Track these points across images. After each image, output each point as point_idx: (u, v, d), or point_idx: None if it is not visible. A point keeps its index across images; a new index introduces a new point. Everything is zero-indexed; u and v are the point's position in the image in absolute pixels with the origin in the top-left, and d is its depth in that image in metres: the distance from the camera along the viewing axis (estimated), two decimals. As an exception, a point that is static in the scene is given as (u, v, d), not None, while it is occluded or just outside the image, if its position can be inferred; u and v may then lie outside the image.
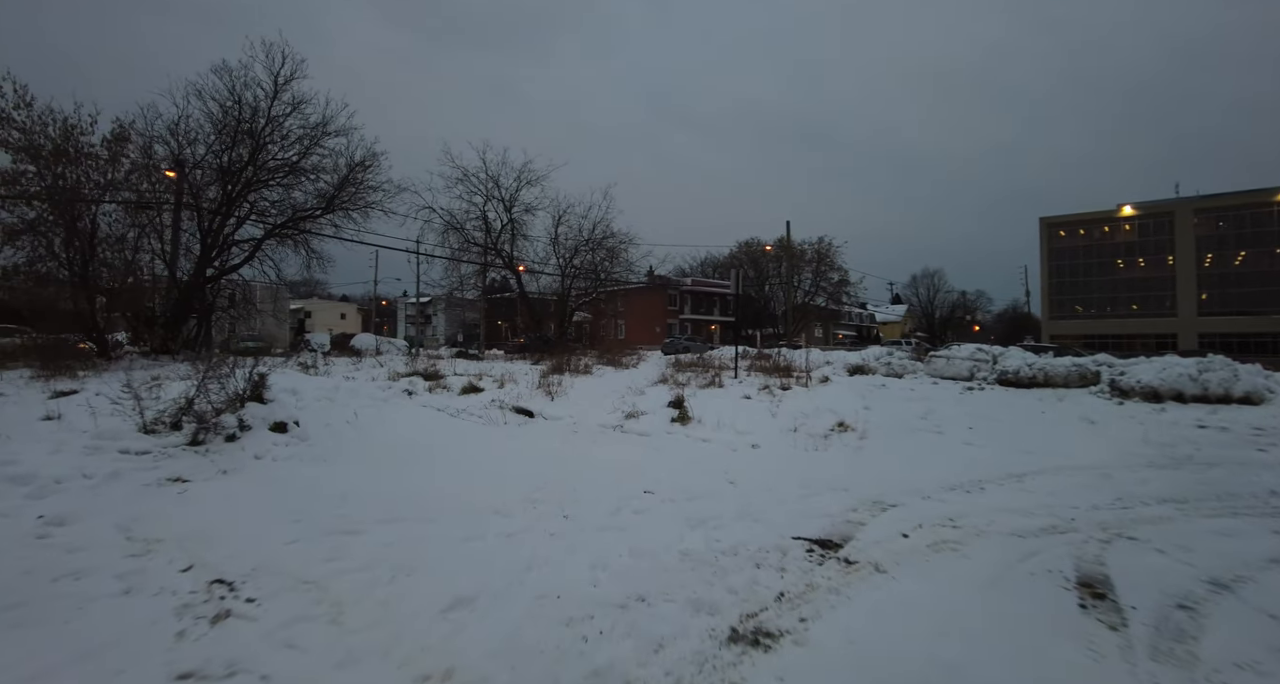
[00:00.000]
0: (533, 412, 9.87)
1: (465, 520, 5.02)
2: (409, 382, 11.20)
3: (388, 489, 5.93)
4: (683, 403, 10.05)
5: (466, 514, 5.21)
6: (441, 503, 5.55)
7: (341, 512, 5.12)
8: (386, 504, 5.39)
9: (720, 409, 10.14)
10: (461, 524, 4.91)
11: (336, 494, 5.64)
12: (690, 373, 16.84)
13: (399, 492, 5.86)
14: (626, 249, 31.49)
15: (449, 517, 5.12)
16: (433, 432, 8.49)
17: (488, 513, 5.26)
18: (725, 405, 10.62)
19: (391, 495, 5.70)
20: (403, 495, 5.73)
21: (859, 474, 7.19)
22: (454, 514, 5.21)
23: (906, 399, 12.97)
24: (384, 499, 5.56)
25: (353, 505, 5.32)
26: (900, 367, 20.11)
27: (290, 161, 21.24)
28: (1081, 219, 68.29)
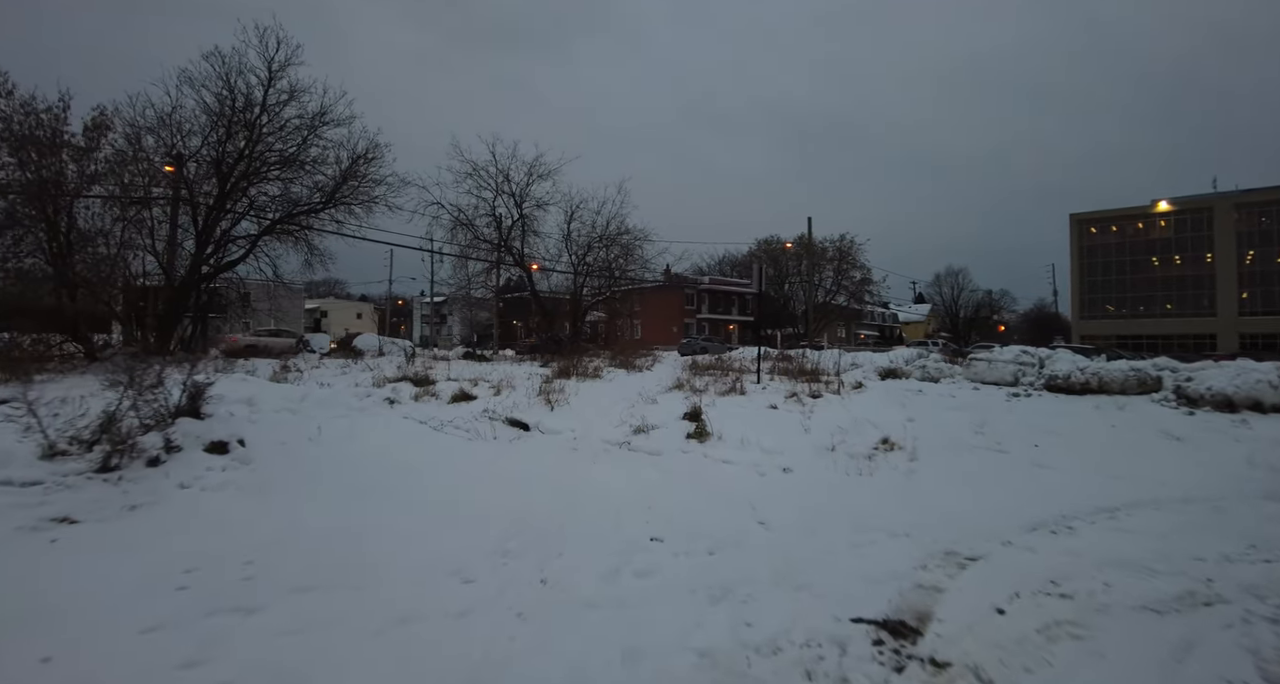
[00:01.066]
0: (528, 424, 8.62)
1: (408, 587, 3.77)
2: (393, 388, 10.00)
3: (326, 533, 4.69)
4: (700, 415, 8.73)
5: (414, 575, 3.96)
6: (388, 554, 4.30)
7: (250, 571, 3.90)
8: (314, 558, 4.16)
9: (743, 422, 8.82)
10: (401, 593, 3.66)
11: (257, 541, 4.42)
12: (708, 377, 15.51)
13: (340, 536, 4.62)
14: (641, 246, 30.22)
15: (390, 580, 3.87)
16: (408, 449, 7.26)
17: (443, 573, 4.00)
18: (749, 417, 9.30)
19: (327, 543, 4.46)
20: (342, 543, 4.49)
21: (917, 509, 5.84)
22: (398, 574, 3.96)
23: (951, 408, 11.54)
24: (314, 549, 4.33)
25: (271, 559, 4.10)
26: (936, 370, 18.64)
27: (288, 154, 20.22)
28: (1114, 215, 65.85)
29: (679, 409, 9.27)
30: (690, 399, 10.64)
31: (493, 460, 7.05)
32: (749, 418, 9.17)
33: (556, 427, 8.56)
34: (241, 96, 18.85)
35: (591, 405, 10.09)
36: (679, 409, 9.27)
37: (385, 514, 5.20)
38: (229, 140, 19.38)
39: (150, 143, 18.63)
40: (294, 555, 4.20)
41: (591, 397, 11.01)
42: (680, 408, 9.34)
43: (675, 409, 9.36)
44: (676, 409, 9.34)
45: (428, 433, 8.11)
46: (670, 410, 9.35)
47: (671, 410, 9.33)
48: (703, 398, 10.80)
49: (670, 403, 10.21)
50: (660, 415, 9.02)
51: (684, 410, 9.01)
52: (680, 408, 9.34)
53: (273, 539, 4.50)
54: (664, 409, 9.54)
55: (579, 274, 29.41)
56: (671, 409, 9.46)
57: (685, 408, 9.20)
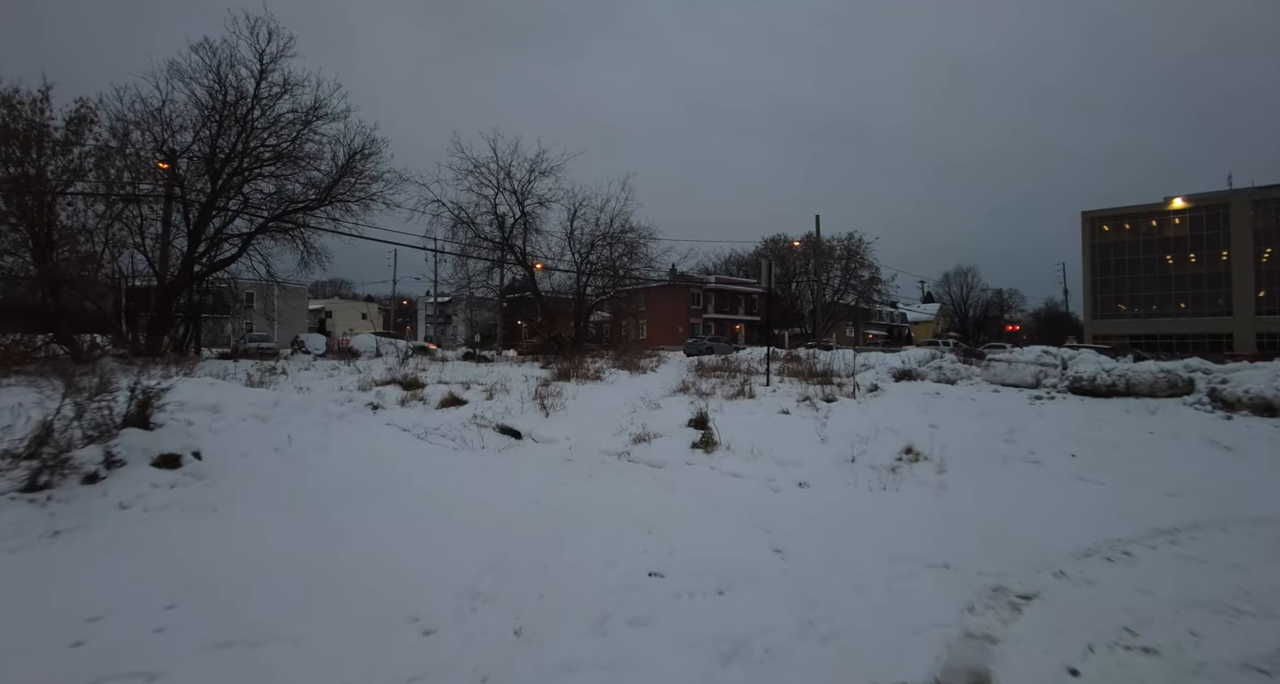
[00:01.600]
0: (520, 432, 7.97)
1: (356, 639, 3.11)
2: (378, 393, 9.37)
3: (274, 564, 4.04)
4: (706, 422, 8.04)
5: (366, 621, 3.30)
6: (340, 594, 3.65)
7: (167, 619, 3.25)
8: (250, 598, 3.51)
9: (754, 429, 8.13)
10: (345, 650, 3.00)
11: (191, 574, 3.77)
12: (715, 379, 14.83)
13: (289, 569, 3.97)
14: (646, 244, 29.53)
15: (335, 628, 3.21)
16: (385, 462, 6.61)
17: (400, 620, 3.34)
18: (759, 423, 8.61)
19: (271, 578, 3.81)
20: (289, 578, 3.83)
21: (953, 532, 5.15)
22: (346, 621, 3.30)
23: (975, 413, 10.83)
24: (255, 586, 3.68)
25: (198, 600, 3.45)
26: (953, 372, 17.92)
27: (282, 149, 19.65)
28: (1126, 213, 64.72)
29: (684, 415, 8.59)
30: (696, 404, 9.98)
31: (477, 474, 6.39)
32: (760, 425, 8.49)
33: (551, 435, 7.90)
34: (233, 90, 18.33)
35: (590, 411, 9.43)
36: (684, 415, 8.59)
37: (346, 541, 4.55)
38: (220, 135, 18.84)
39: (139, 138, 18.12)
40: (227, 595, 3.55)
41: (591, 401, 10.36)
42: (685, 413, 8.67)
43: (680, 415, 8.69)
44: (681, 415, 8.67)
45: (410, 442, 7.46)
46: (674, 416, 8.68)
47: (676, 416, 8.65)
48: (709, 402, 10.14)
49: (675, 408, 9.53)
50: (664, 422, 8.34)
51: (689, 416, 8.32)
52: (685, 413, 8.67)
53: (209, 572, 3.86)
54: (668, 415, 8.87)
55: (582, 273, 28.76)
56: (676, 415, 8.79)
57: (690, 414, 8.52)
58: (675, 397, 10.90)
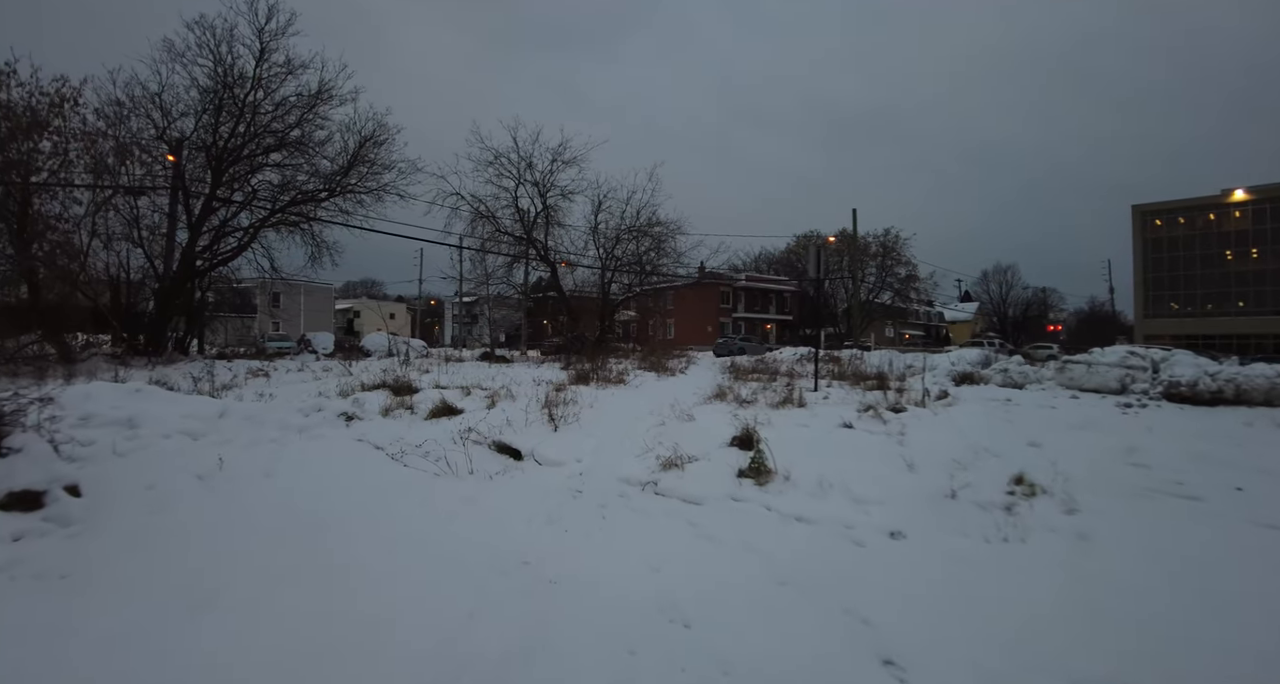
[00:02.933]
0: (521, 451, 6.38)
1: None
2: (355, 401, 7.86)
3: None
4: (754, 440, 6.36)
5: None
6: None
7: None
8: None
9: (814, 449, 6.43)
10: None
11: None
12: (754, 383, 13.13)
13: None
14: (674, 238, 27.83)
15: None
16: (340, 493, 5.08)
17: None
18: (819, 441, 6.91)
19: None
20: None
21: (1131, 623, 3.42)
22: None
23: (1072, 426, 8.97)
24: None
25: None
26: (1020, 375, 15.99)
27: (287, 135, 18.41)
28: (1181, 206, 61.14)
29: (724, 430, 6.93)
30: (737, 414, 8.32)
31: (454, 514, 4.80)
32: (820, 442, 6.79)
33: (558, 455, 6.30)
34: (232, 71, 17.09)
35: (610, 422, 7.83)
36: (724, 430, 6.93)
37: (226, 635, 3.00)
38: (221, 121, 17.65)
39: (136, 124, 17.02)
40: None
41: (611, 410, 8.76)
42: (726, 428, 7.00)
43: (719, 430, 7.03)
44: (721, 429, 7.01)
45: (380, 465, 5.93)
46: (713, 431, 7.02)
47: (715, 431, 6.99)
48: (753, 411, 8.48)
49: (711, 419, 7.88)
50: (699, 439, 6.69)
51: (732, 432, 6.65)
52: (726, 428, 7.00)
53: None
54: (704, 429, 7.22)
55: (607, 269, 27.20)
56: (714, 429, 7.13)
57: (733, 428, 6.85)
58: (711, 405, 9.26)
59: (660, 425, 7.61)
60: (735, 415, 8.44)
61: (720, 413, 8.56)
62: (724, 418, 7.99)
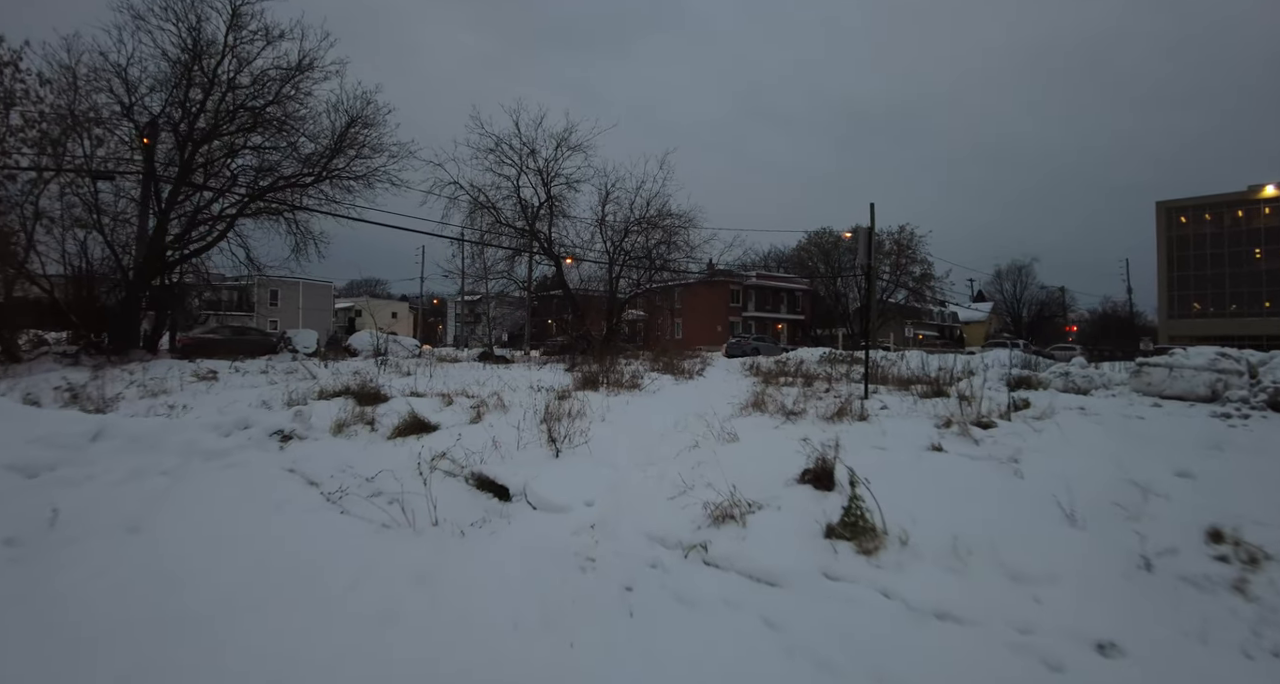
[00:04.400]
0: (509, 488, 4.61)
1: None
2: (297, 413, 6.10)
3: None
4: (835, 475, 4.56)
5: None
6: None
7: None
8: None
9: (909, 483, 4.62)
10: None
11: None
12: (790, 388, 11.35)
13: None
14: (686, 231, 25.97)
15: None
16: (231, 565, 3.32)
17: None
18: (910, 471, 5.10)
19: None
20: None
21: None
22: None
23: (1198, 445, 7.14)
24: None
25: None
26: (1084, 379, 14.16)
27: (263, 112, 16.68)
28: (1208, 202, 58.96)
29: (784, 456, 5.13)
30: (781, 427, 6.55)
31: (389, 617, 3.03)
32: (913, 474, 4.99)
33: (561, 494, 4.52)
34: (199, 36, 15.32)
35: (627, 442, 6.05)
36: (784, 456, 5.13)
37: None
38: (189, 93, 15.93)
39: (97, 99, 15.33)
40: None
41: (627, 424, 6.99)
42: (786, 453, 5.21)
43: (777, 455, 5.24)
44: (779, 455, 5.22)
45: (309, 511, 4.17)
46: (768, 457, 5.23)
47: (771, 457, 5.20)
48: (804, 427, 6.70)
49: (759, 438, 6.11)
50: (753, 470, 4.89)
51: (799, 461, 4.84)
52: (786, 453, 5.21)
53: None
54: (755, 454, 5.43)
55: (614, 262, 25.39)
56: (769, 454, 5.34)
57: (797, 453, 5.05)
58: (750, 418, 7.47)
59: (693, 447, 5.83)
60: (781, 429, 6.68)
61: (765, 428, 6.79)
62: (775, 436, 6.21)
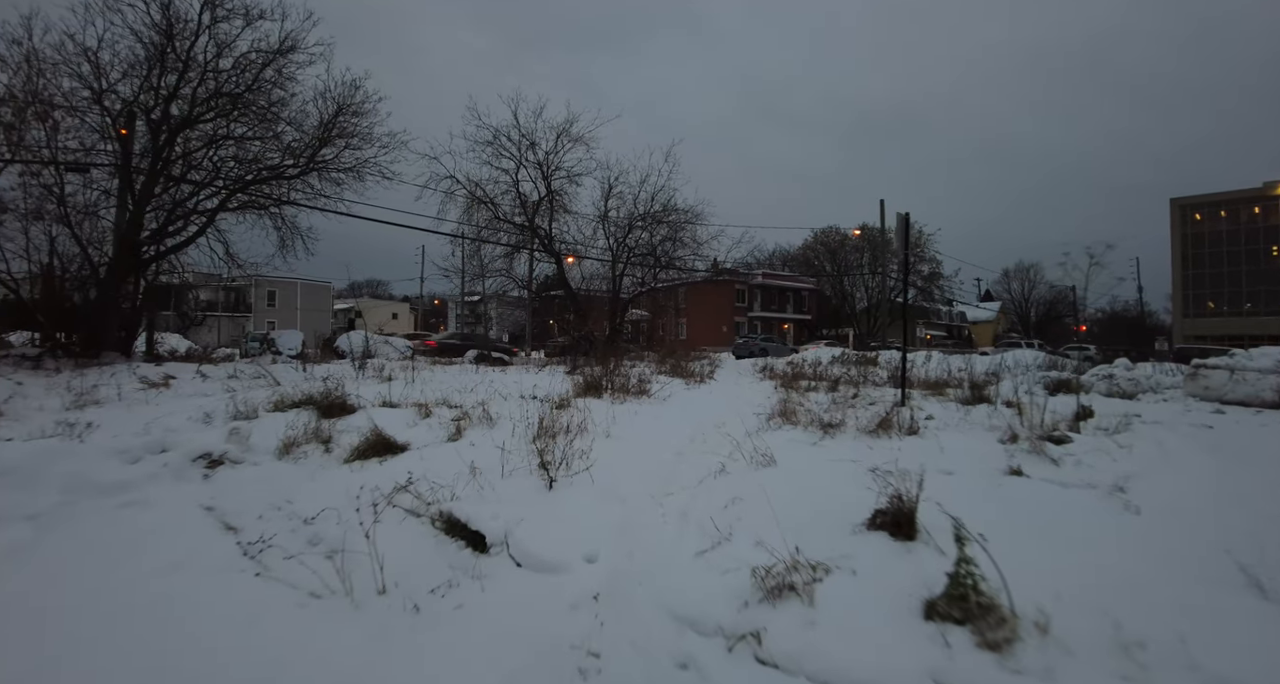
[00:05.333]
0: (487, 535, 3.51)
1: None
2: (233, 432, 5.02)
3: None
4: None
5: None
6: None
7: None
8: None
9: (1002, 527, 3.53)
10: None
11: None
12: (813, 392, 10.24)
13: None
14: (693, 226, 24.83)
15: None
16: (88, 663, 2.23)
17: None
18: (1001, 506, 3.98)
19: None
20: None
21: None
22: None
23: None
24: None
25: None
26: (1130, 383, 13.06)
27: (241, 97, 15.59)
28: (1224, 199, 57.71)
29: (841, 488, 4.02)
30: (819, 443, 5.45)
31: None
32: (1003, 509, 3.87)
33: (553, 546, 3.41)
34: (169, 13, 14.21)
35: (638, 466, 4.95)
36: (841, 488, 4.02)
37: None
38: (163, 78, 14.85)
39: (63, 84, 14.27)
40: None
41: (637, 441, 5.89)
42: (838, 479, 4.11)
43: (826, 482, 4.14)
44: (832, 485, 4.11)
45: (215, 572, 3.07)
46: (821, 490, 4.12)
47: (824, 490, 4.09)
48: (850, 444, 5.61)
49: (799, 459, 5.00)
50: (805, 510, 3.77)
51: (867, 502, 3.71)
52: (838, 479, 4.11)
53: None
54: (803, 484, 4.31)
55: (618, 260, 24.28)
56: (815, 480, 4.24)
57: (857, 484, 3.95)
58: (781, 431, 6.36)
59: (720, 471, 4.73)
60: (820, 446, 5.57)
61: (801, 445, 5.69)
62: (817, 457, 5.11)
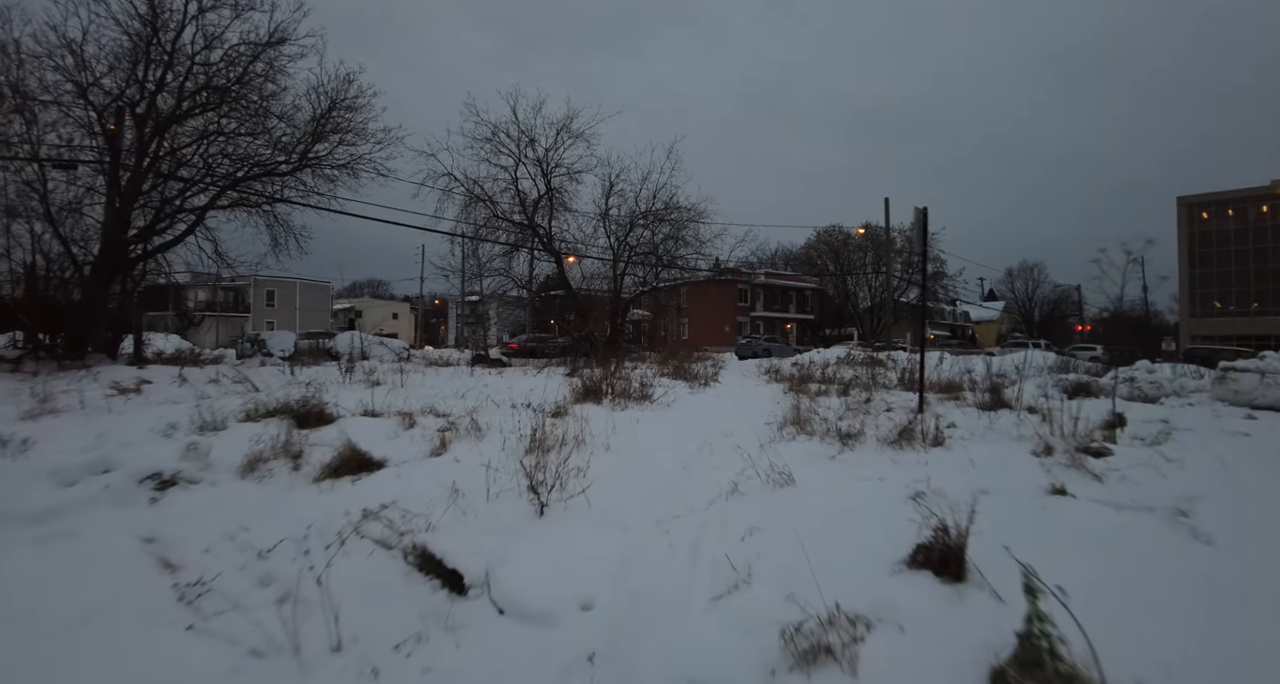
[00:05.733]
0: (465, 575, 3.02)
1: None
2: (190, 447, 4.53)
3: None
4: (966, 564, 2.96)
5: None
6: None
7: None
8: None
9: (1058, 562, 3.03)
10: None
11: None
12: (824, 396, 9.74)
13: None
14: (696, 224, 24.33)
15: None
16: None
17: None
18: (1051, 536, 3.47)
19: None
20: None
21: None
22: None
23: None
24: None
25: None
26: (1152, 386, 12.52)
27: (228, 91, 15.12)
28: (1231, 197, 56.98)
29: (873, 513, 3.52)
30: (842, 456, 4.96)
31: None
32: (1055, 539, 3.36)
33: (543, 588, 2.92)
34: (155, 3, 13.72)
35: (640, 487, 4.45)
36: (873, 513, 3.52)
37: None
38: (148, 70, 14.38)
39: (46, 77, 13.83)
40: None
41: (640, 452, 5.41)
42: (867, 502, 3.62)
43: (854, 506, 3.64)
44: (861, 509, 3.61)
45: (141, 624, 2.59)
46: (843, 511, 3.62)
47: (847, 512, 3.59)
48: (871, 457, 5.12)
49: (819, 476, 4.50)
50: (831, 538, 3.27)
51: (905, 533, 3.21)
52: (867, 502, 3.62)
53: None
54: (823, 505, 3.80)
55: (619, 259, 23.78)
56: (843, 504, 3.74)
57: (889, 507, 3.46)
58: (796, 442, 5.87)
59: (733, 493, 4.24)
60: (841, 460, 5.09)
61: (819, 459, 5.20)
62: (840, 474, 4.62)
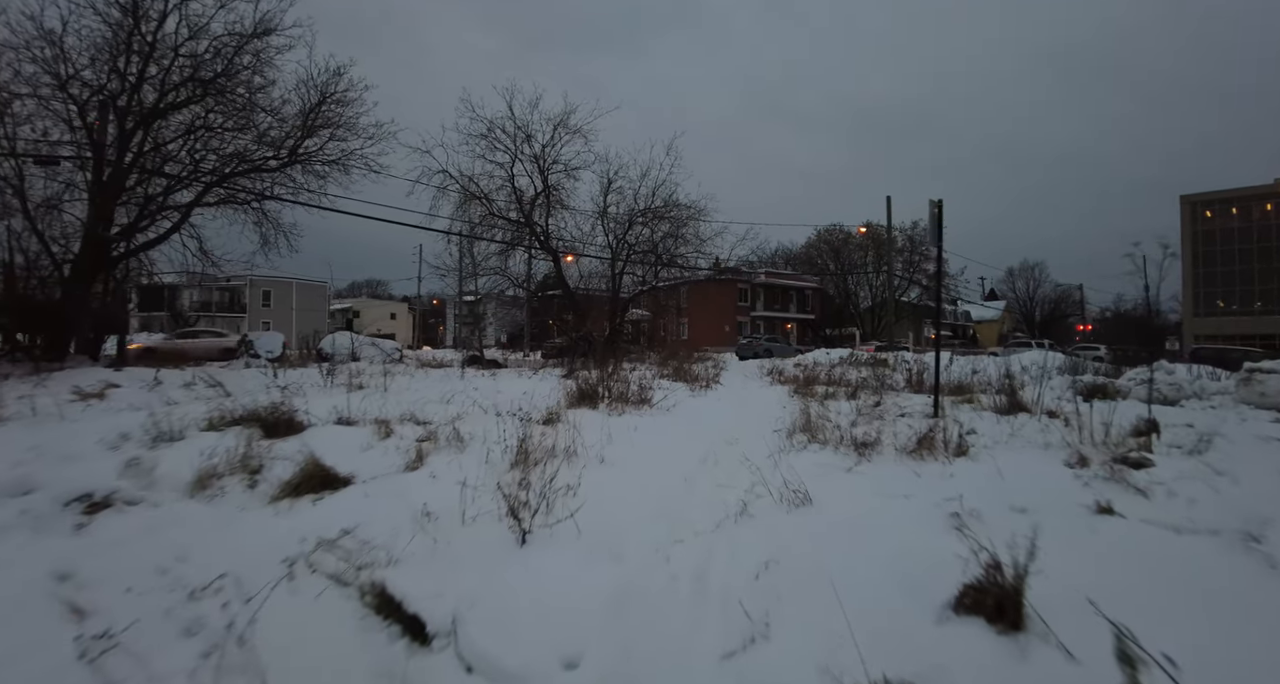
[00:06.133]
0: (428, 624, 2.55)
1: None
2: (131, 463, 4.06)
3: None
4: (1024, 614, 2.49)
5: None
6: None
7: None
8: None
9: (1117, 600, 2.57)
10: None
11: None
12: (831, 399, 9.26)
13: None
14: (696, 222, 23.82)
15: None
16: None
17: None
18: (1106, 567, 3.02)
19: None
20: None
21: None
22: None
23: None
24: None
25: None
26: (1172, 388, 12.10)
27: (213, 83, 14.63)
28: (1235, 195, 56.48)
29: (904, 541, 3.03)
30: (860, 469, 4.48)
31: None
32: (1111, 571, 2.91)
33: (519, 641, 2.43)
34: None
35: (635, 507, 3.97)
36: (904, 541, 3.03)
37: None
38: (129, 62, 13.90)
39: (30, 72, 13.36)
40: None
41: (637, 464, 4.93)
42: (897, 525, 3.14)
43: (883, 532, 3.16)
44: (891, 534, 3.13)
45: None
46: (871, 539, 3.13)
47: (875, 539, 3.11)
48: (884, 464, 4.66)
49: (838, 494, 4.03)
50: (861, 576, 2.80)
51: (950, 569, 2.74)
52: (897, 525, 3.14)
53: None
54: (846, 532, 3.32)
55: (618, 257, 23.28)
56: (870, 530, 3.26)
57: (922, 536, 2.99)
58: (807, 452, 5.40)
59: (742, 514, 3.77)
60: (858, 473, 4.62)
61: (835, 472, 4.72)
62: (860, 490, 4.14)
